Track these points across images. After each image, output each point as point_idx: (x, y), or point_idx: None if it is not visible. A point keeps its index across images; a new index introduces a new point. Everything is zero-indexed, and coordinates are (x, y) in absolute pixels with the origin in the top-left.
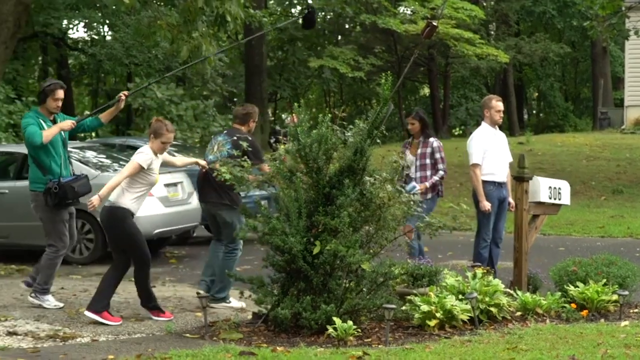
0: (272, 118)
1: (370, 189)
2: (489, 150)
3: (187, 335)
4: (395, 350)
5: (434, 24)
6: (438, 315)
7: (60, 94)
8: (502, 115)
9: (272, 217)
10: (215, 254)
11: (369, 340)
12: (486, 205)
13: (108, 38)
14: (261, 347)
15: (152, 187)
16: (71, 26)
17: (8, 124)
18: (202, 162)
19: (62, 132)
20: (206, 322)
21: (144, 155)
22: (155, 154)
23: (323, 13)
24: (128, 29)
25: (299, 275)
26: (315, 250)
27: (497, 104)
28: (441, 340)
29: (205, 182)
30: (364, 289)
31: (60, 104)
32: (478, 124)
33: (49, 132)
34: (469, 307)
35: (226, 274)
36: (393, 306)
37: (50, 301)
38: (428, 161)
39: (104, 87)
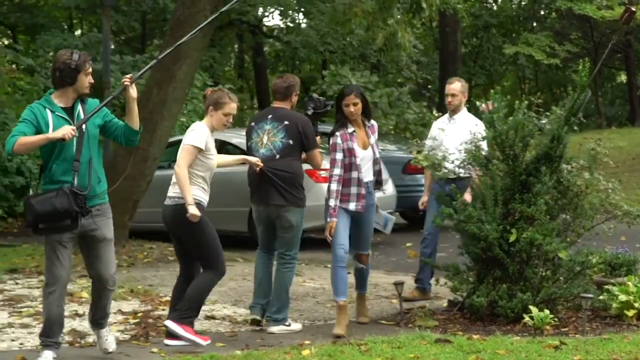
0: (467, 105)
1: (567, 176)
2: None
3: (383, 321)
4: (593, 340)
5: (633, 9)
6: (636, 305)
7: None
8: None
9: (468, 204)
10: (266, 269)
11: (566, 329)
12: None
13: (303, 25)
14: (457, 335)
15: (212, 174)
16: (267, 14)
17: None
18: (252, 159)
19: (88, 128)
20: (402, 309)
21: (197, 133)
22: (213, 130)
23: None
24: (323, 16)
25: (495, 263)
26: (512, 238)
27: None
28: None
29: (262, 182)
30: (560, 278)
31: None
32: None
33: (28, 141)
34: None
35: (285, 291)
36: (590, 295)
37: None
38: None
39: (299, 74)
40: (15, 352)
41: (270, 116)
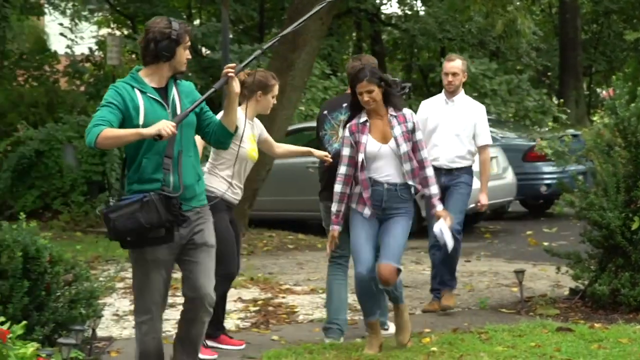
0: (587, 92)
1: None
2: None
3: (503, 310)
4: None
5: None
6: None
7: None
8: None
9: (590, 191)
10: (338, 283)
11: None
12: None
13: (421, 13)
14: (578, 324)
15: (246, 165)
16: (385, 1)
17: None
18: (319, 153)
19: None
20: (522, 297)
21: None
22: (253, 116)
23: None
24: (442, 3)
25: (617, 251)
26: (634, 226)
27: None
28: None
29: (333, 179)
30: None
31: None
32: None
33: (116, 135)
34: None
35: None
36: None
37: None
38: None
39: (417, 62)
40: None
41: (345, 105)
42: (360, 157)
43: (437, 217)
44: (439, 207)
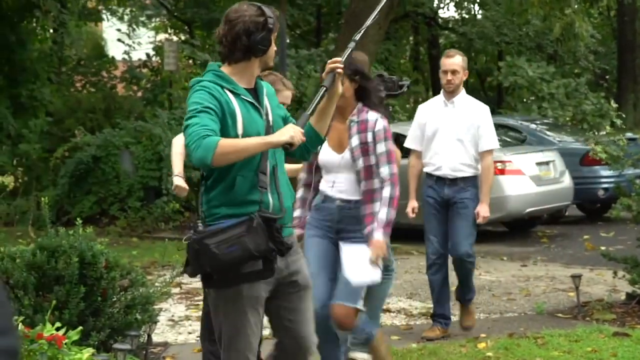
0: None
1: None
2: None
3: (559, 315)
4: None
5: None
6: None
7: None
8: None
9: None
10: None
11: None
12: None
13: (479, 16)
14: (635, 328)
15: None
16: (442, 5)
17: None
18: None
19: (273, 121)
20: (579, 302)
21: None
22: None
23: None
24: (499, 7)
25: None
26: None
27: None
28: None
29: None
30: None
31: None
32: None
33: (238, 148)
34: None
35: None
36: None
37: None
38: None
39: (475, 65)
40: (193, 344)
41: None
42: (315, 164)
43: (369, 244)
44: (377, 235)
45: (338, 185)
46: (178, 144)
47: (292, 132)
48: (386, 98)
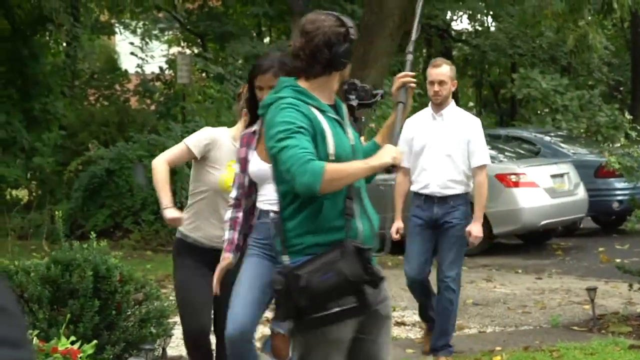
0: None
1: None
2: None
3: (575, 327)
4: None
5: None
6: None
7: None
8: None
9: None
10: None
11: None
12: None
13: (492, 29)
14: None
15: (221, 196)
16: (455, 17)
17: None
18: None
19: (356, 143)
20: (594, 314)
21: (196, 133)
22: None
23: None
24: (512, 19)
25: None
26: None
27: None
28: None
29: None
30: None
31: None
32: None
33: (345, 174)
34: None
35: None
36: None
37: None
38: None
39: (488, 78)
40: None
41: None
42: (246, 179)
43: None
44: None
45: (269, 196)
46: (161, 170)
47: (393, 153)
48: (359, 107)
